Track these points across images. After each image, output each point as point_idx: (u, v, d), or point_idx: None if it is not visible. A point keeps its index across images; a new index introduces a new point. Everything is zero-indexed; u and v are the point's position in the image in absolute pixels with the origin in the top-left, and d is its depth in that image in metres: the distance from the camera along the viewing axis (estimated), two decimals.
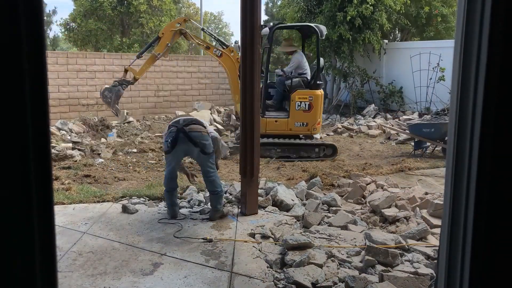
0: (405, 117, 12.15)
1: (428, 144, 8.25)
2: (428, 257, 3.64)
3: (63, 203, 5.05)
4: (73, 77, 11.44)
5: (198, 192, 5.47)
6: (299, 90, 8.07)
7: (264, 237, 4.13)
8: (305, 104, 8.02)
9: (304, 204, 5.01)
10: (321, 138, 8.95)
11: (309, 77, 8.41)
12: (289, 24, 11.36)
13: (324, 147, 8.13)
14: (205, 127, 4.53)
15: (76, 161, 7.41)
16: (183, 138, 4.35)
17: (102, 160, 7.48)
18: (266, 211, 4.91)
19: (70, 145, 8.23)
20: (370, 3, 12.57)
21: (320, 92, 8.19)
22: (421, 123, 8.40)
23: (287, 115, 8.12)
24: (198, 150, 4.39)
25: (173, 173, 4.61)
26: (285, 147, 7.94)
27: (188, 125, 4.43)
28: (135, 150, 8.47)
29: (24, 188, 0.82)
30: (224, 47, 8.45)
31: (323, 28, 8.58)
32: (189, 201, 5.16)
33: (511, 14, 0.95)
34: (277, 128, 8.07)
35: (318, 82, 8.28)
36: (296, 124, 8.10)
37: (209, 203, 5.07)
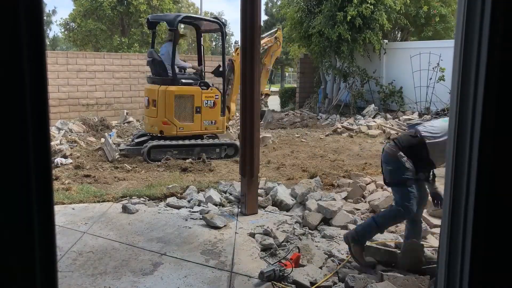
0: (405, 117, 12.15)
1: None
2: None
3: (63, 203, 5.05)
4: (73, 77, 11.44)
5: (198, 192, 5.47)
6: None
7: (264, 236, 4.12)
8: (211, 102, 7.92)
9: (303, 204, 5.01)
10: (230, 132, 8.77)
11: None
12: (196, 16, 10.47)
13: (225, 147, 7.97)
14: (398, 150, 3.43)
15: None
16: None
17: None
18: (266, 211, 4.91)
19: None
20: (370, 3, 12.57)
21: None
22: (421, 123, 8.38)
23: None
24: None
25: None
26: (184, 149, 7.69)
27: (390, 141, 3.69)
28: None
29: (24, 188, 0.82)
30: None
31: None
32: (189, 201, 5.16)
33: (511, 14, 0.95)
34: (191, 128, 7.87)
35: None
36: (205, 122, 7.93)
37: (209, 203, 5.08)
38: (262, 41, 8.81)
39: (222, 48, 8.45)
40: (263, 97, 9.53)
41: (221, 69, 8.22)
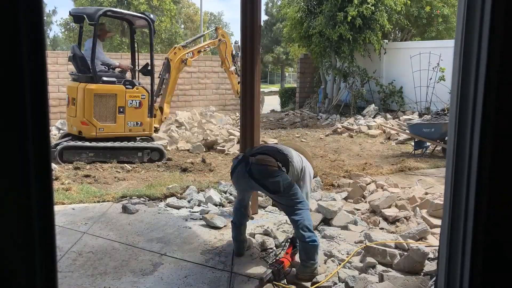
0: (405, 117, 12.15)
1: (428, 144, 8.25)
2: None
3: (63, 203, 5.05)
4: None
5: (198, 192, 5.47)
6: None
7: (264, 236, 4.12)
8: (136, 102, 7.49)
9: None
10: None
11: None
12: (120, 10, 9.84)
13: (149, 151, 7.54)
14: (278, 160, 3.41)
15: None
16: (242, 172, 3.43)
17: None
18: (266, 211, 4.91)
19: None
20: (371, 3, 12.57)
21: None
22: (421, 123, 8.40)
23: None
24: (264, 189, 3.47)
25: (239, 206, 3.76)
26: (101, 151, 7.26)
27: (255, 154, 3.47)
28: None
29: (24, 188, 0.82)
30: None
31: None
32: (189, 201, 5.16)
33: (511, 14, 0.95)
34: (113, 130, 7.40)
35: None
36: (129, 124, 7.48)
37: (209, 203, 5.08)
38: (193, 49, 8.61)
39: (150, 46, 7.93)
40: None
41: (149, 67, 7.75)
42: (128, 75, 8.09)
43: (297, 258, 3.49)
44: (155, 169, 7.10)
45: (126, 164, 7.21)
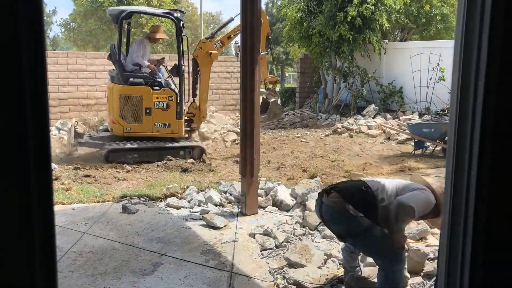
0: (405, 117, 12.15)
1: (428, 144, 8.25)
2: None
3: (63, 203, 5.06)
4: (73, 77, 11.44)
5: (198, 192, 5.47)
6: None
7: (264, 237, 4.12)
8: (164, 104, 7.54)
9: (304, 204, 5.01)
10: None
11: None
12: (145, 10, 9.96)
13: (190, 150, 7.72)
14: (354, 202, 2.76)
15: None
16: (317, 210, 2.97)
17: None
18: (266, 211, 4.91)
19: None
20: (371, 3, 12.57)
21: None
22: (421, 123, 8.40)
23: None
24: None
25: (344, 246, 3.18)
26: (145, 151, 7.46)
27: (329, 192, 2.87)
28: None
29: (24, 188, 0.82)
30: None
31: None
32: (189, 201, 5.16)
33: (511, 14, 0.95)
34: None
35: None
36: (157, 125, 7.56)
37: (209, 204, 5.08)
38: (233, 29, 8.22)
39: (178, 46, 7.73)
40: (270, 86, 8.50)
41: (177, 69, 7.76)
42: (165, 75, 8.14)
43: None
44: (155, 169, 7.10)
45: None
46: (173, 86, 7.77)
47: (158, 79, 7.69)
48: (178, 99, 7.61)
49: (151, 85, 7.50)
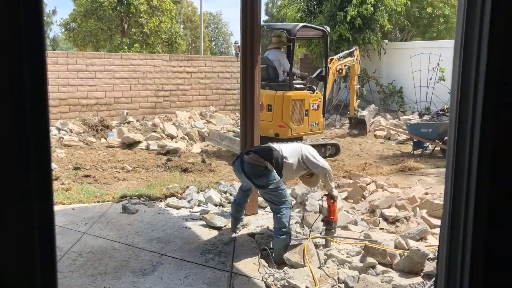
0: (405, 117, 12.15)
1: (428, 144, 8.25)
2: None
3: (63, 203, 5.05)
4: (73, 77, 11.44)
5: (198, 192, 5.47)
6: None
7: (264, 236, 4.12)
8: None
9: (303, 204, 5.01)
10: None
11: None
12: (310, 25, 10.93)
13: (330, 147, 8.36)
14: (264, 162, 3.73)
15: None
16: (238, 166, 3.86)
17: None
18: (266, 211, 4.91)
19: None
20: (371, 4, 12.56)
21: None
22: (419, 123, 8.41)
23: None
24: (253, 184, 3.84)
25: (243, 187, 4.19)
26: None
27: (249, 153, 3.86)
28: None
29: (24, 188, 0.82)
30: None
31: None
32: (189, 201, 5.16)
33: (511, 14, 0.95)
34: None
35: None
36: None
37: (209, 204, 5.08)
38: (343, 62, 9.66)
39: (325, 54, 8.98)
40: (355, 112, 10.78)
41: (323, 74, 8.83)
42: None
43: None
44: (155, 169, 7.10)
45: (126, 165, 7.24)
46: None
47: (309, 85, 8.57)
48: (322, 101, 8.57)
49: (308, 89, 8.37)
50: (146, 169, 7.08)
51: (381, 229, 4.38)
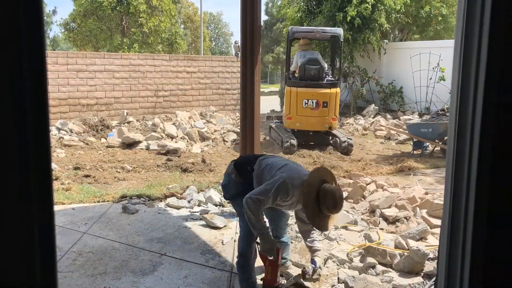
0: (405, 117, 12.15)
1: (428, 144, 8.25)
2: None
3: (63, 203, 5.05)
4: (73, 77, 11.44)
5: (198, 192, 5.47)
6: None
7: None
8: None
9: None
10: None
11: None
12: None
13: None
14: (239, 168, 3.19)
15: None
16: None
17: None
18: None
19: None
20: (370, 3, 12.56)
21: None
22: (419, 123, 8.41)
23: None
24: None
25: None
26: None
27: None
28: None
29: (23, 188, 0.82)
30: None
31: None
32: (189, 201, 5.16)
33: (511, 14, 0.95)
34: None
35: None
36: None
37: (209, 203, 5.08)
38: None
39: (339, 56, 10.11)
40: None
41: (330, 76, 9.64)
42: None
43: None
44: (155, 169, 7.10)
45: (126, 165, 7.24)
46: None
47: None
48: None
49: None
50: (146, 169, 7.08)
51: (381, 229, 4.37)
